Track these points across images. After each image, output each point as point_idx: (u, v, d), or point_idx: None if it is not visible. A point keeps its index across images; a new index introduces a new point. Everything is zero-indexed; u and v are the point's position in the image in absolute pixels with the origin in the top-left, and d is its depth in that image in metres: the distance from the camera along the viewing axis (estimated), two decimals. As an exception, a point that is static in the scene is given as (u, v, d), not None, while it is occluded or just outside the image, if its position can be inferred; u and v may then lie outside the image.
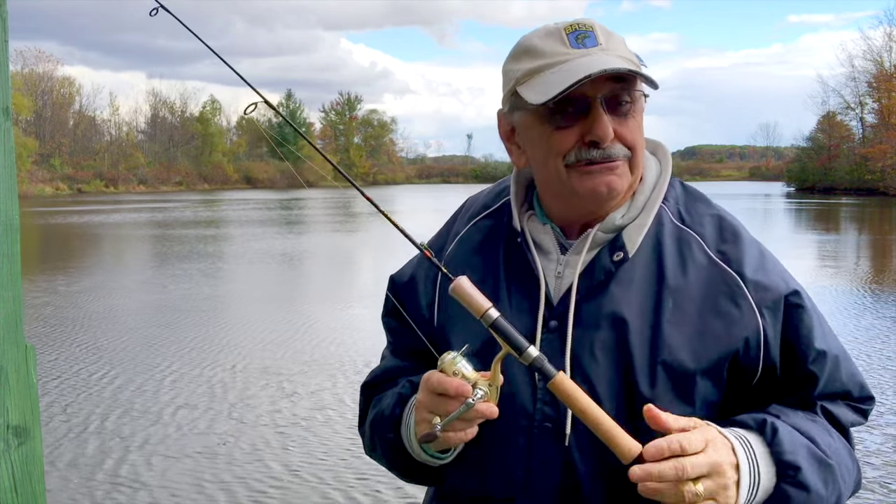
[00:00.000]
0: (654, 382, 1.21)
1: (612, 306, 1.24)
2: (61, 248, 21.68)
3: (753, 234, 1.34)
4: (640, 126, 1.28)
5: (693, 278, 1.25)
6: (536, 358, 1.14)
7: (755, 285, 1.24)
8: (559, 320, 1.26)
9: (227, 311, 11.45)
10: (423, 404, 1.21)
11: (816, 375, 1.24)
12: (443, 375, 1.17)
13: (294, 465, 5.38)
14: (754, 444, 1.16)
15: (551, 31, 1.26)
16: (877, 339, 9.03)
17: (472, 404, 1.14)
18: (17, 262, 1.39)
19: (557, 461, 1.24)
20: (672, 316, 1.22)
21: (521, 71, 1.26)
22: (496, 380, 1.16)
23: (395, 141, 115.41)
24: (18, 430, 1.39)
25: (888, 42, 61.63)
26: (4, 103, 1.37)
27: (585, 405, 1.12)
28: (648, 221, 1.29)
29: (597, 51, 1.22)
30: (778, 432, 1.17)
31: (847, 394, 1.28)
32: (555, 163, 1.26)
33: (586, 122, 1.22)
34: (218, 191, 75.62)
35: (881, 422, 6.07)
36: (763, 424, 1.18)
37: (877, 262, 17.80)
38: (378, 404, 1.40)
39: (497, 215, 1.41)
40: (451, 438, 1.19)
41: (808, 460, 1.17)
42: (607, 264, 1.27)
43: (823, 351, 1.24)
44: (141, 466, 5.34)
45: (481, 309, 1.16)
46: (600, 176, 1.24)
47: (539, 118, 1.26)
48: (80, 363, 8.19)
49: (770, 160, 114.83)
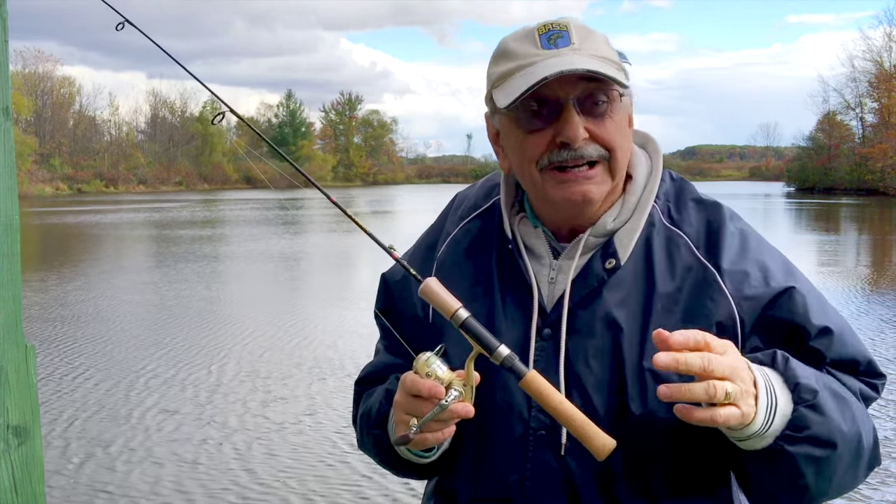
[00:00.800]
0: (645, 390, 1.20)
1: (605, 313, 1.24)
2: (55, 248, 21.66)
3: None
4: (620, 126, 1.25)
5: (680, 281, 1.24)
6: (507, 357, 1.13)
7: (730, 276, 1.22)
8: (553, 328, 1.25)
9: (217, 313, 11.40)
10: (399, 405, 1.21)
11: (821, 351, 1.21)
12: (416, 377, 1.16)
13: (280, 466, 5.37)
14: (769, 372, 1.13)
15: (527, 33, 1.24)
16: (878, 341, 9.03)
17: (445, 406, 1.14)
18: (17, 262, 1.39)
19: (554, 470, 1.23)
20: (660, 320, 1.21)
21: (496, 74, 1.26)
22: (470, 379, 1.16)
23: (395, 141, 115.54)
24: (18, 430, 1.39)
25: (888, 42, 61.68)
26: (4, 103, 1.37)
27: (557, 402, 1.12)
28: (640, 226, 1.28)
29: (567, 51, 1.20)
30: (790, 360, 1.14)
31: (855, 365, 1.24)
32: (529, 168, 1.25)
33: (558, 124, 1.21)
34: (218, 191, 75.59)
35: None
36: (773, 356, 1.15)
37: (877, 263, 17.79)
38: (367, 400, 1.41)
39: (488, 216, 1.39)
40: (427, 439, 1.18)
41: (823, 388, 1.14)
42: (600, 272, 1.26)
43: (825, 327, 1.21)
44: (118, 472, 5.34)
45: (451, 310, 1.15)
46: (575, 185, 1.23)
47: (514, 122, 1.25)
48: (64, 364, 8.16)
49: (770, 160, 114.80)
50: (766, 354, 1.16)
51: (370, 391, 1.42)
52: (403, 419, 1.19)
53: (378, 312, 1.47)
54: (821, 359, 1.21)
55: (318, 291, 13.85)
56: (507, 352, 1.14)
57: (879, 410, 6.19)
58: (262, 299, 12.53)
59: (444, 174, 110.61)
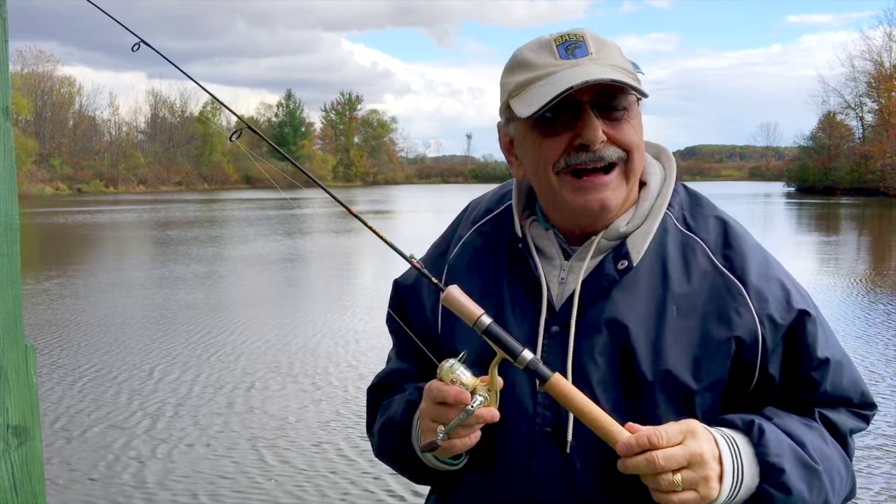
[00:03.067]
0: (655, 390, 1.21)
1: (614, 313, 1.24)
2: (55, 248, 21.66)
3: (755, 235, 1.34)
4: (636, 130, 1.27)
5: (697, 285, 1.25)
6: (531, 361, 1.15)
7: (758, 294, 1.24)
8: (561, 326, 1.26)
9: (210, 315, 11.39)
10: (425, 413, 1.23)
11: (817, 382, 1.24)
12: (441, 384, 1.18)
13: (272, 472, 5.38)
14: (740, 444, 1.17)
15: (543, 44, 1.26)
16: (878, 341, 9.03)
17: (471, 411, 1.15)
18: (17, 262, 1.39)
19: (559, 467, 1.23)
20: (675, 324, 1.22)
21: (513, 84, 1.27)
22: (494, 384, 1.17)
23: (395, 141, 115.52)
24: (18, 430, 1.39)
25: (888, 42, 61.65)
26: (4, 103, 1.36)
27: (581, 404, 1.13)
28: (653, 229, 1.28)
29: (586, 61, 1.22)
30: (765, 434, 1.17)
31: (848, 400, 1.27)
32: (545, 172, 1.26)
33: (577, 127, 1.22)
34: (218, 191, 75.57)
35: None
36: (750, 425, 1.19)
37: (876, 263, 17.78)
38: (386, 411, 1.41)
39: (499, 220, 1.41)
40: (455, 445, 1.20)
41: (794, 463, 1.17)
42: (611, 272, 1.26)
43: (826, 358, 1.24)
44: (119, 472, 5.33)
45: (473, 316, 1.17)
46: (593, 192, 1.24)
47: (530, 128, 1.26)
48: (65, 365, 8.16)
49: (770, 160, 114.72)
50: (745, 421, 1.20)
51: (388, 401, 1.43)
52: (430, 426, 1.21)
53: (391, 316, 1.47)
54: (815, 388, 1.24)
55: (321, 293, 13.85)
56: (531, 356, 1.15)
57: (880, 409, 6.19)
58: (263, 299, 12.53)
59: (443, 174, 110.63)
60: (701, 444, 1.12)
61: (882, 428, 5.88)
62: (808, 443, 1.20)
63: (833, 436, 1.26)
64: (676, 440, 1.11)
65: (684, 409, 1.21)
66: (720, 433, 1.16)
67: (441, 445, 1.18)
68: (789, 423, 1.22)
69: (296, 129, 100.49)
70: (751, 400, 1.25)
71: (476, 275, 1.35)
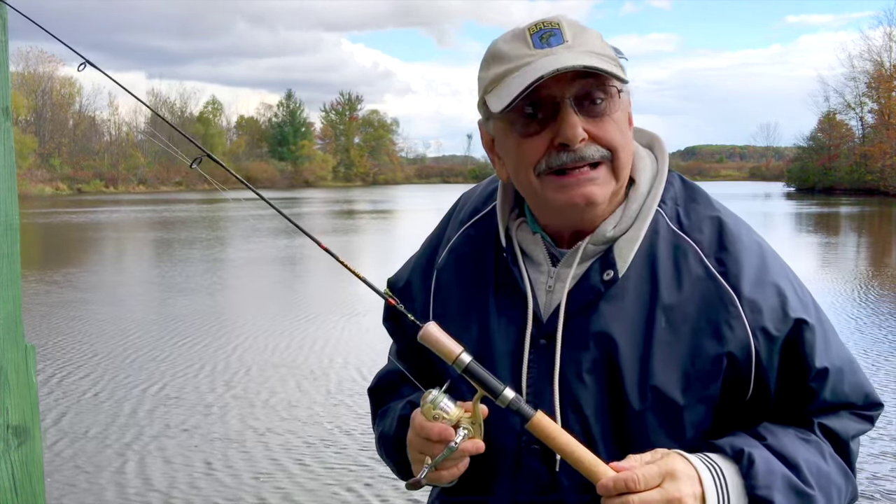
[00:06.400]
0: (643, 406, 1.17)
1: (601, 325, 1.19)
2: (55, 248, 21.64)
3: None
4: (620, 125, 1.19)
5: (688, 293, 1.19)
6: (512, 401, 1.13)
7: (751, 304, 1.17)
8: (548, 339, 1.22)
9: (210, 315, 11.40)
10: (413, 445, 1.22)
11: (815, 392, 1.20)
12: (424, 421, 1.17)
13: (289, 470, 5.38)
14: (727, 474, 1.13)
15: (517, 34, 1.18)
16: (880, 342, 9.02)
17: (454, 448, 1.15)
18: (17, 262, 1.39)
19: (546, 486, 1.21)
20: (664, 336, 1.17)
21: (487, 78, 1.20)
22: (478, 417, 1.16)
23: (395, 141, 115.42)
24: (18, 430, 1.39)
25: (888, 42, 61.66)
26: (4, 103, 1.37)
27: (564, 443, 1.12)
28: (640, 235, 1.21)
29: (561, 49, 1.14)
30: (754, 464, 1.13)
31: (850, 404, 1.23)
32: (526, 174, 1.19)
33: (556, 125, 1.15)
34: (217, 191, 75.34)
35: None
36: (740, 454, 1.14)
37: (876, 263, 17.77)
38: (382, 422, 1.40)
39: (486, 222, 1.35)
40: (443, 477, 1.19)
41: (785, 493, 1.13)
42: (597, 283, 1.20)
43: (825, 368, 1.18)
44: (118, 473, 5.33)
45: (452, 355, 1.14)
46: (577, 188, 1.17)
47: (509, 126, 1.19)
48: (65, 364, 8.15)
49: (770, 160, 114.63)
50: (734, 448, 1.15)
51: (384, 409, 1.42)
52: (418, 458, 1.21)
53: (386, 318, 1.46)
54: (814, 398, 1.20)
55: (320, 296, 13.84)
56: (513, 395, 1.13)
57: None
58: (264, 299, 12.52)
59: (443, 174, 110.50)
60: (679, 487, 1.08)
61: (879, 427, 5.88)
62: (802, 464, 1.15)
63: (834, 444, 1.21)
64: (654, 483, 1.07)
65: (675, 425, 1.18)
66: (706, 464, 1.12)
67: (424, 484, 1.18)
68: (784, 443, 1.17)
69: (296, 130, 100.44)
70: (746, 411, 1.21)
71: (462, 284, 1.32)
